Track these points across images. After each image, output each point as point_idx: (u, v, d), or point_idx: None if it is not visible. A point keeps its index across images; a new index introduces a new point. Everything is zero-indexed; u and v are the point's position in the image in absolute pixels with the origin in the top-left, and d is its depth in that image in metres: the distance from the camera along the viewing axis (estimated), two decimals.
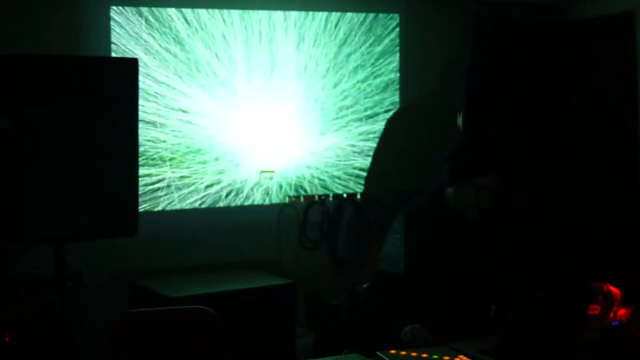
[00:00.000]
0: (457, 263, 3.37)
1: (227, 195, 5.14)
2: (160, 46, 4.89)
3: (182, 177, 5.01)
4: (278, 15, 5.21)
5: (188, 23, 4.96)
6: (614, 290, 3.45)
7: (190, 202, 5.04)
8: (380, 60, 5.55)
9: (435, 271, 3.36)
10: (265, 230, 5.24)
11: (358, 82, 5.49)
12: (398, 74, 5.60)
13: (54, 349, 4.05)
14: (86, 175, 4.03)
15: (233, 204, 5.16)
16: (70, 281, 4.10)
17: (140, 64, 4.26)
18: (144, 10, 4.83)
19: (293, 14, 5.26)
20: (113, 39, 4.75)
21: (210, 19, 5.03)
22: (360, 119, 5.52)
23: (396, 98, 5.61)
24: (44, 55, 4.03)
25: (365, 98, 5.52)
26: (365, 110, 5.53)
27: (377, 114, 5.56)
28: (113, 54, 4.73)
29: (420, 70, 5.63)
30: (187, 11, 4.95)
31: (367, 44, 5.50)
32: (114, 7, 4.76)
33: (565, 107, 5.60)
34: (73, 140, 3.99)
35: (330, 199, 5.47)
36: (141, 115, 4.40)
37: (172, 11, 4.91)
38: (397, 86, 5.60)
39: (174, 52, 4.93)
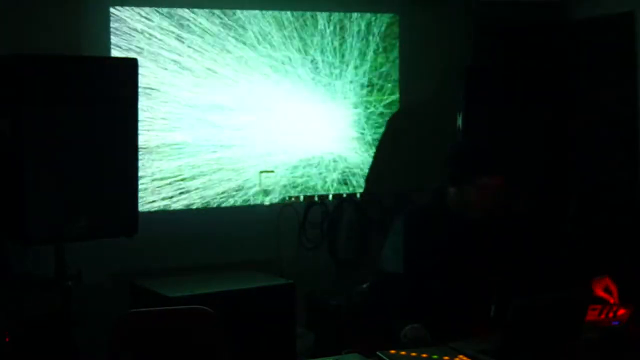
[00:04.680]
0: (457, 263, 3.37)
1: (227, 195, 5.14)
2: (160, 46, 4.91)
3: (183, 176, 5.03)
4: (277, 14, 5.22)
5: (191, 23, 4.98)
6: (612, 285, 3.46)
7: (189, 201, 5.05)
8: (380, 60, 5.55)
9: (435, 271, 3.36)
10: (265, 230, 5.24)
11: (358, 81, 5.49)
12: (398, 74, 5.60)
13: (54, 349, 4.05)
14: (86, 175, 4.04)
15: (233, 204, 5.16)
16: (70, 281, 4.10)
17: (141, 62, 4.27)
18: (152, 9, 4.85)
19: (293, 13, 5.26)
20: (113, 39, 4.76)
21: (212, 18, 5.03)
22: (360, 119, 5.52)
23: (396, 98, 5.61)
24: (44, 55, 4.03)
25: (365, 98, 5.52)
26: (366, 110, 5.53)
27: (376, 114, 5.57)
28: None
29: (420, 70, 5.63)
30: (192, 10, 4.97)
31: (367, 44, 5.50)
32: (114, 7, 4.77)
33: (565, 107, 5.60)
34: (73, 140, 3.99)
35: (330, 199, 5.47)
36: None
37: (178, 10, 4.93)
38: (397, 86, 5.60)
39: (174, 51, 4.95)
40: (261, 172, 5.23)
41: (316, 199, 5.42)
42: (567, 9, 5.79)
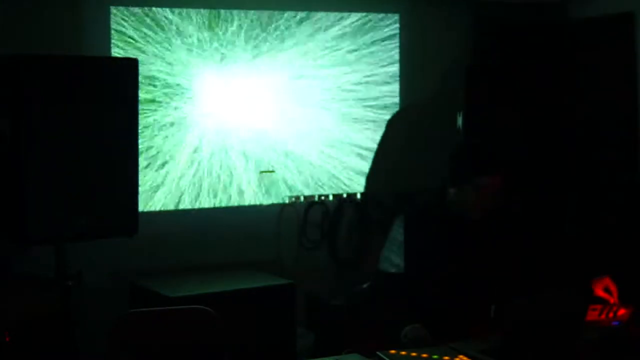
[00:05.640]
0: (457, 263, 3.37)
1: (227, 195, 5.15)
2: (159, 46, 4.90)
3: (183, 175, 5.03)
4: (277, 14, 5.21)
5: (186, 21, 4.98)
6: (612, 285, 3.46)
7: (189, 201, 5.05)
8: (381, 60, 5.55)
9: (435, 271, 3.36)
10: (265, 230, 5.24)
11: (358, 81, 5.49)
12: (398, 74, 5.60)
13: (54, 349, 4.05)
14: (86, 175, 4.03)
15: (233, 204, 5.16)
16: (70, 281, 4.10)
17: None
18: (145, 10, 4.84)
19: (293, 14, 5.26)
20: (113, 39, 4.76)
21: (212, 17, 5.03)
22: (360, 119, 5.52)
23: (396, 98, 5.61)
24: (44, 55, 4.03)
25: (365, 98, 5.52)
26: (366, 110, 5.53)
27: (376, 114, 5.57)
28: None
29: (420, 70, 5.63)
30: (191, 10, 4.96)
31: (367, 44, 5.50)
32: (114, 7, 4.77)
33: (565, 107, 5.60)
34: (73, 140, 3.99)
35: (330, 199, 5.47)
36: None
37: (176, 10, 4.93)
38: (397, 86, 5.60)
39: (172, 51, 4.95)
40: (261, 172, 5.23)
41: (316, 199, 5.42)
42: (567, 9, 5.79)
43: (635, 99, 5.35)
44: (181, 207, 5.01)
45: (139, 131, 4.27)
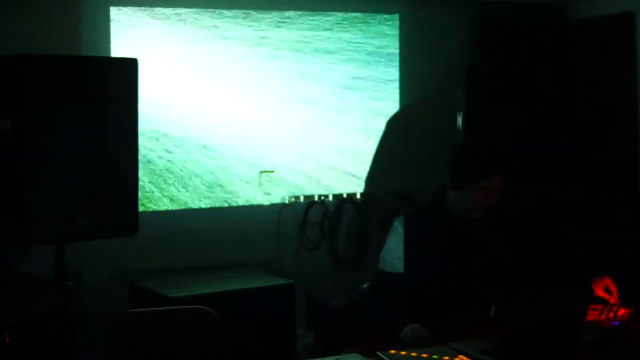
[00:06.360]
0: (457, 263, 3.37)
1: (227, 195, 5.14)
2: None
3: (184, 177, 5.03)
4: (277, 14, 5.22)
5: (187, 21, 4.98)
6: (612, 285, 3.46)
7: (190, 202, 5.05)
8: (380, 61, 5.55)
9: (435, 271, 3.36)
10: (265, 230, 5.24)
11: (358, 82, 5.49)
12: (398, 74, 5.59)
13: (54, 349, 4.05)
14: (86, 175, 4.04)
15: (233, 204, 5.16)
16: (70, 281, 4.10)
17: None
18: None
19: (293, 14, 5.26)
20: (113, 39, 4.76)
21: (212, 18, 5.03)
22: (360, 119, 5.52)
23: (396, 98, 5.61)
24: (44, 55, 4.03)
25: (364, 98, 5.52)
26: (365, 109, 5.53)
27: (376, 114, 5.56)
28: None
29: (420, 70, 5.63)
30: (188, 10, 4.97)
31: (367, 44, 5.50)
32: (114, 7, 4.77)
33: (565, 108, 5.60)
34: (73, 140, 3.99)
35: (330, 199, 5.47)
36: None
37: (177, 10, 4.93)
38: (397, 86, 5.60)
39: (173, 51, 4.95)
40: (261, 172, 5.23)
41: (316, 199, 5.42)
42: (567, 9, 5.78)
43: (635, 99, 5.35)
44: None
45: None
